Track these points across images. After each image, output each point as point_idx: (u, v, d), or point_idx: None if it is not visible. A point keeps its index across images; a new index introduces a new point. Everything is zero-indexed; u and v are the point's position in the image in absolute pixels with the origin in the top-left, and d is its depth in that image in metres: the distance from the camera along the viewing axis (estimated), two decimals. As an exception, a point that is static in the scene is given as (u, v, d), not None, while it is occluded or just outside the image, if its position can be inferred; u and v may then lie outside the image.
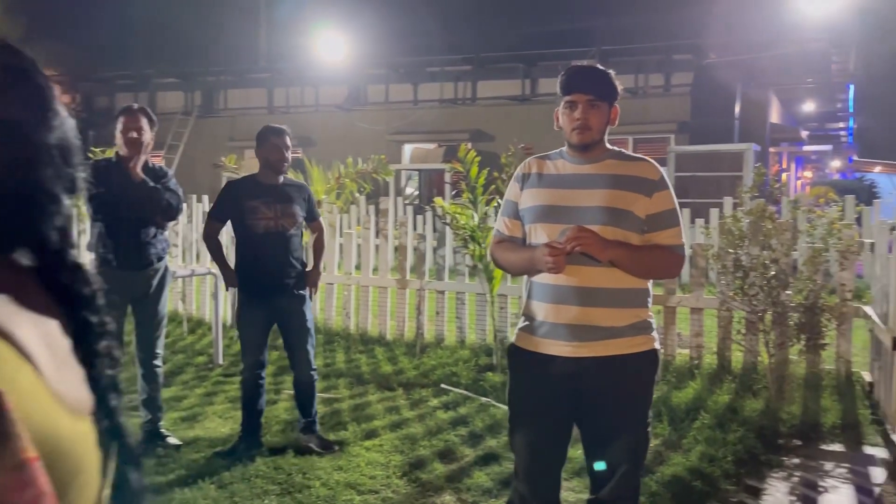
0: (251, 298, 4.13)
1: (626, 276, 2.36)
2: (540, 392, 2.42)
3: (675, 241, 2.40)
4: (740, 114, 14.61)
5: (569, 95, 2.40)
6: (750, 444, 4.23)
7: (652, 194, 2.37)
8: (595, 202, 2.36)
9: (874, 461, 4.14)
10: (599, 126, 2.40)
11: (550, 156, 2.54)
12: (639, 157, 2.50)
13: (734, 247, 5.33)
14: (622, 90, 2.50)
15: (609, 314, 2.35)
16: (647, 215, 2.37)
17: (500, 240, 2.60)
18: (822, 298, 5.20)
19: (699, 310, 5.84)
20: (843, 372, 5.34)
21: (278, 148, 4.07)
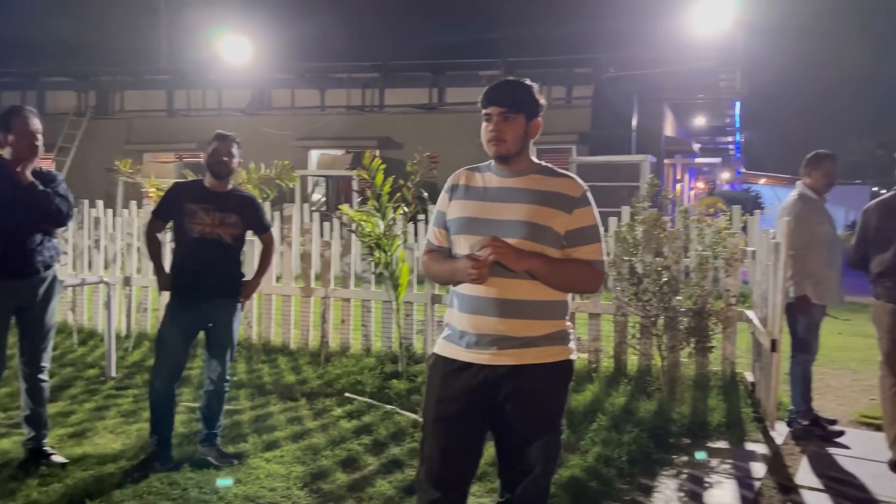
0: (180, 303, 4.01)
1: (545, 289, 2.42)
2: (456, 399, 2.45)
3: (595, 256, 2.46)
4: (637, 126, 15.24)
5: (485, 109, 2.47)
6: (643, 444, 4.41)
7: (572, 211, 2.42)
8: (515, 216, 2.41)
9: (755, 456, 4.40)
10: (514, 139, 2.44)
11: (480, 168, 2.58)
12: (564, 173, 2.53)
13: (629, 254, 5.55)
14: (545, 103, 2.55)
15: (527, 325, 2.41)
16: (566, 231, 2.42)
17: (429, 250, 2.64)
18: (710, 303, 5.50)
19: (597, 315, 6.05)
20: (728, 373, 5.65)
21: (216, 151, 3.99)
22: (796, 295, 4.78)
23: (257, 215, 4.22)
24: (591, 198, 2.49)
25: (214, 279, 3.98)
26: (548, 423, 2.49)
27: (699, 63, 14.20)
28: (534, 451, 2.45)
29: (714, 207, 13.22)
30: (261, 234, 4.32)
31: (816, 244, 4.80)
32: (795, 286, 4.78)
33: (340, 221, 6.95)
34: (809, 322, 4.88)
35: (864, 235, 4.41)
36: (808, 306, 4.80)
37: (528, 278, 2.39)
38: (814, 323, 4.93)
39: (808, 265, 4.77)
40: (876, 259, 4.30)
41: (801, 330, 4.90)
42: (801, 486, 4.00)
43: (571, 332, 2.55)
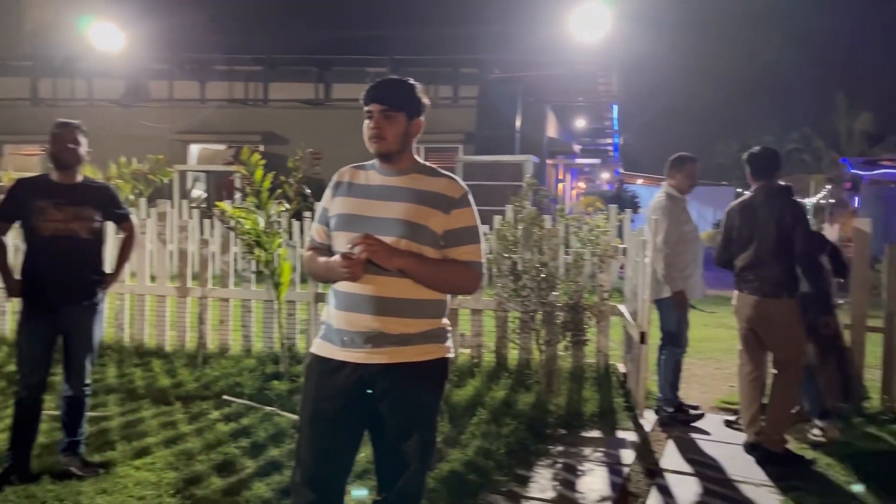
0: (35, 309, 3.75)
1: (422, 287, 2.42)
2: (332, 398, 2.43)
3: (472, 257, 2.48)
4: (521, 127, 15.63)
5: (366, 106, 2.46)
6: (521, 436, 4.54)
7: (450, 211, 2.43)
8: (393, 214, 2.41)
9: (625, 443, 4.62)
10: (394, 137, 2.44)
11: (365, 166, 2.56)
12: (445, 174, 2.53)
13: (509, 252, 5.70)
14: (429, 102, 2.55)
15: (402, 323, 2.41)
16: (444, 231, 2.43)
17: (311, 247, 2.60)
18: (585, 298, 5.72)
19: (479, 311, 6.17)
20: (602, 364, 5.91)
21: (59, 139, 3.73)
22: (673, 291, 5.01)
23: (113, 203, 3.99)
24: (471, 199, 2.51)
25: (71, 281, 3.75)
26: (422, 421, 2.50)
27: (579, 67, 14.74)
28: (408, 450, 2.46)
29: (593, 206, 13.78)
30: (120, 223, 4.10)
31: (684, 241, 5.08)
32: (671, 283, 5.00)
33: (218, 218, 6.72)
34: (680, 316, 5.16)
35: (728, 235, 4.65)
36: (685, 301, 5.06)
37: (404, 275, 2.40)
38: (684, 317, 5.22)
39: (679, 262, 5.02)
40: (739, 256, 4.54)
41: (673, 323, 5.18)
42: (666, 469, 4.23)
43: (449, 330, 2.58)
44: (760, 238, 4.43)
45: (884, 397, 5.15)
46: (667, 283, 5.00)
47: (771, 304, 4.37)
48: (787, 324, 4.36)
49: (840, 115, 37.57)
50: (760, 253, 4.41)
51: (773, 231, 4.37)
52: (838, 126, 37.56)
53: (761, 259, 4.40)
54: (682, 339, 5.29)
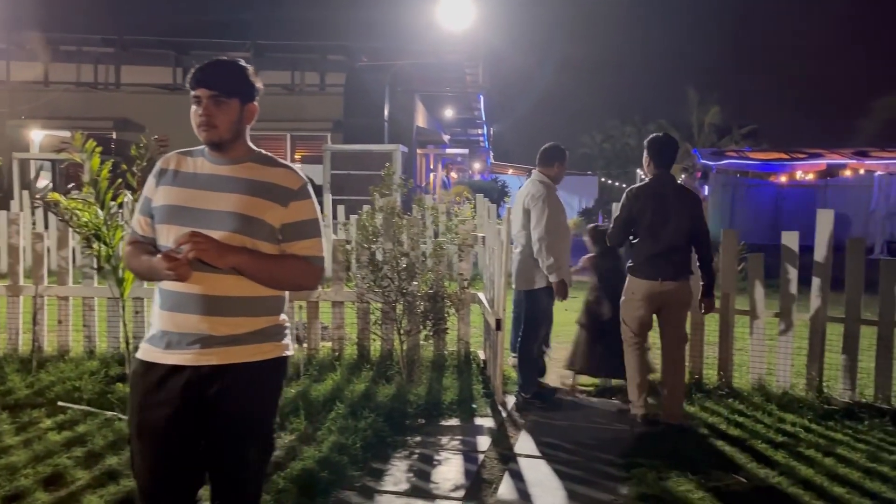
0: None
1: (255, 284, 2.28)
2: (159, 406, 2.25)
3: (312, 252, 2.36)
4: (389, 116, 15.55)
5: (193, 91, 2.27)
6: (379, 429, 4.47)
7: (288, 203, 2.30)
8: (225, 207, 2.25)
9: (482, 430, 4.66)
10: (227, 124, 2.28)
11: (193, 152, 2.38)
12: (283, 163, 2.39)
13: (369, 242, 5.62)
14: (262, 86, 2.42)
15: (234, 322, 2.27)
16: (282, 225, 2.30)
17: (132, 240, 2.39)
18: (445, 287, 5.74)
19: (340, 303, 6.05)
20: (463, 352, 5.95)
21: None
22: (557, 279, 5.08)
23: None
24: (310, 191, 2.40)
25: None
26: (258, 423, 2.37)
27: (446, 57, 14.82)
28: (243, 455, 2.33)
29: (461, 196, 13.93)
30: None
31: (564, 229, 5.22)
32: (557, 272, 5.06)
33: (51, 211, 6.20)
34: (543, 308, 5.27)
35: (630, 217, 4.73)
36: (566, 290, 5.17)
37: (235, 273, 2.26)
38: (547, 309, 5.33)
39: (560, 250, 5.11)
40: (648, 242, 4.67)
41: (538, 314, 5.28)
42: (520, 454, 4.31)
43: (287, 327, 2.46)
44: (676, 225, 4.64)
45: (720, 373, 5.49)
46: (552, 272, 5.06)
47: (683, 287, 4.72)
48: (689, 303, 4.84)
49: (692, 108, 40.10)
50: (677, 239, 4.64)
51: (686, 218, 4.65)
52: (690, 119, 40.07)
53: (677, 245, 4.66)
54: (544, 327, 5.42)
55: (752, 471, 4.00)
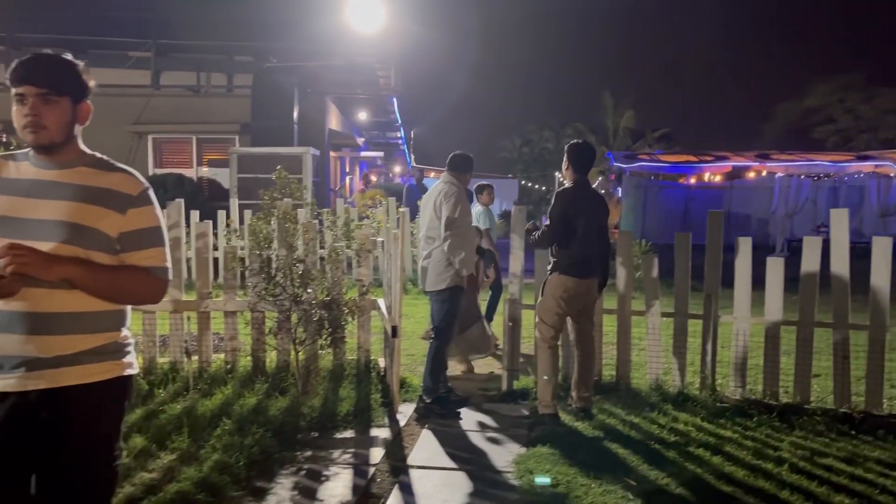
0: None
1: (90, 299, 2.08)
2: None
3: (154, 262, 2.19)
4: (299, 118, 15.21)
5: (16, 88, 2.06)
6: (267, 444, 4.26)
7: (126, 211, 2.12)
8: (53, 215, 2.04)
9: (377, 441, 4.51)
10: (58, 125, 2.08)
11: (16, 156, 2.16)
12: (121, 167, 2.20)
13: (261, 248, 5.38)
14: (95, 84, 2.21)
15: (65, 341, 2.05)
16: (119, 234, 2.11)
17: None
18: (344, 293, 5.56)
19: (233, 313, 5.79)
20: (363, 361, 5.78)
21: None
22: (467, 273, 5.14)
23: None
24: (152, 196, 2.21)
25: None
26: (97, 452, 2.15)
27: (358, 59, 14.62)
28: (81, 488, 2.11)
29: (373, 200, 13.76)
30: None
31: (468, 228, 5.26)
32: (465, 266, 5.11)
33: None
34: (452, 308, 5.19)
35: (567, 220, 4.84)
36: (476, 284, 5.31)
37: (66, 287, 2.04)
38: (456, 309, 5.25)
39: (469, 247, 5.19)
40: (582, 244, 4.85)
41: (443, 316, 5.20)
42: (412, 465, 4.18)
43: (129, 343, 2.25)
44: (600, 226, 4.94)
45: (618, 374, 5.51)
46: (462, 266, 5.09)
47: (597, 284, 4.97)
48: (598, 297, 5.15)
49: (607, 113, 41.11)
50: (603, 241, 4.97)
51: (605, 222, 4.98)
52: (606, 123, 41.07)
53: (602, 247, 4.96)
54: (451, 330, 5.33)
55: (643, 472, 3.99)
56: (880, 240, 4.94)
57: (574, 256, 4.84)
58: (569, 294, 4.86)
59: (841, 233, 4.99)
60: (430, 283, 5.24)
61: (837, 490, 3.76)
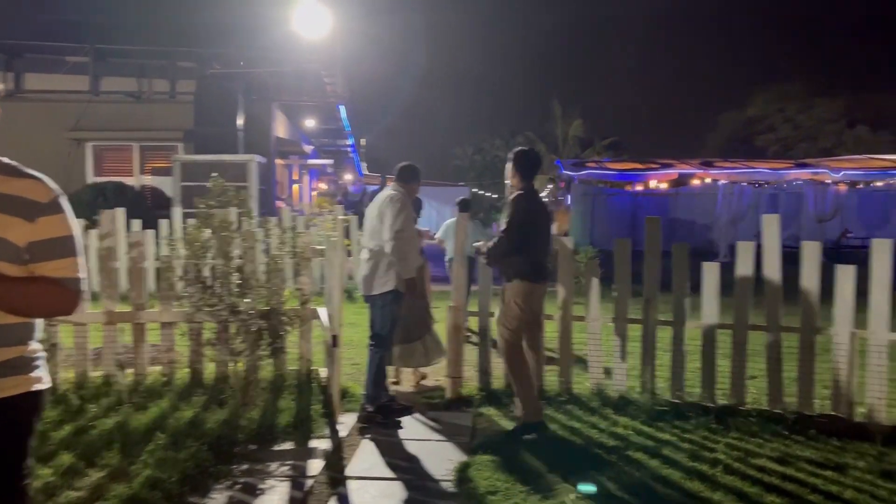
0: None
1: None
2: None
3: (66, 273, 2.08)
4: (244, 126, 14.98)
5: None
6: (202, 459, 4.15)
7: (36, 219, 2.02)
8: None
9: (316, 453, 4.44)
10: None
11: None
12: (30, 173, 2.09)
13: (197, 258, 5.26)
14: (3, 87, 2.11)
15: None
16: (28, 243, 2.02)
17: None
18: (284, 303, 5.46)
19: (170, 324, 5.64)
20: (304, 371, 5.70)
21: None
22: (406, 278, 5.08)
23: None
24: (64, 204, 2.11)
25: None
26: (3, 472, 2.06)
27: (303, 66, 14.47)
28: None
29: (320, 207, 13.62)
30: None
31: (411, 235, 5.21)
32: (405, 270, 5.07)
33: None
34: (392, 313, 5.17)
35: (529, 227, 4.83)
36: (416, 287, 5.23)
37: None
38: (396, 314, 5.22)
39: (412, 253, 5.18)
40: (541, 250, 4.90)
41: (383, 322, 5.16)
42: (351, 476, 4.12)
43: (38, 357, 2.15)
44: (549, 233, 5.03)
45: (561, 380, 5.55)
46: (403, 269, 5.07)
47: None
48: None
49: (556, 121, 41.59)
50: (551, 247, 5.08)
51: (551, 227, 5.05)
52: (555, 131, 41.54)
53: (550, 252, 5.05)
54: (390, 337, 5.30)
55: (583, 477, 4.01)
56: (809, 244, 5.08)
57: (533, 261, 4.85)
58: (532, 298, 4.87)
59: (772, 238, 5.11)
60: (370, 287, 5.20)
61: (769, 490, 3.83)
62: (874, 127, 38.57)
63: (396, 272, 5.10)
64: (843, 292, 4.93)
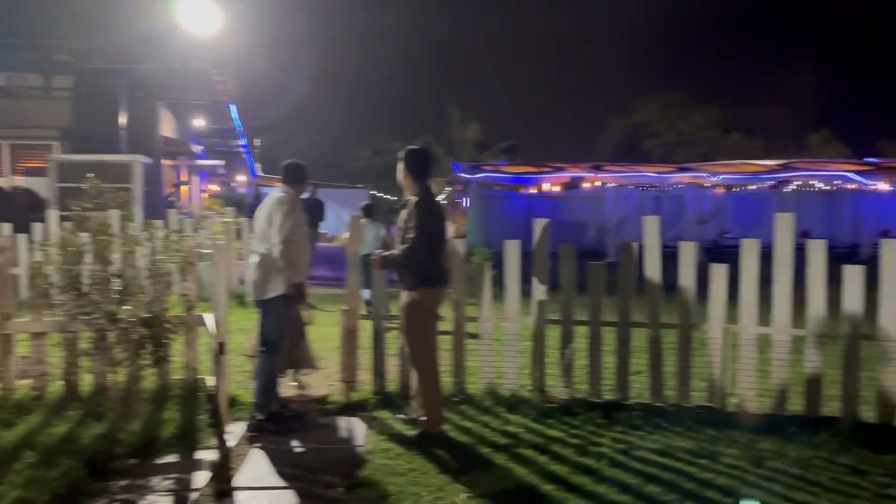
0: None
1: None
2: None
3: None
4: (128, 124, 14.28)
5: None
6: (77, 476, 3.91)
7: None
8: None
9: (202, 465, 4.27)
10: None
11: None
12: None
13: (72, 263, 4.96)
14: None
15: None
16: None
17: None
18: (167, 309, 5.23)
19: (42, 334, 5.30)
20: (190, 380, 5.48)
21: None
22: (294, 283, 4.95)
23: None
24: None
25: None
26: None
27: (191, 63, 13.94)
28: None
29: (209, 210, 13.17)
30: None
31: (301, 238, 5.07)
32: (293, 275, 4.94)
33: None
34: (281, 316, 5.03)
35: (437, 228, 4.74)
36: (304, 292, 5.08)
37: None
38: (285, 317, 5.08)
39: (302, 257, 5.04)
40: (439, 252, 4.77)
41: (272, 327, 5.01)
42: (239, 487, 3.99)
43: None
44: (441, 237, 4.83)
45: (454, 380, 5.59)
46: (292, 274, 4.93)
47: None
48: None
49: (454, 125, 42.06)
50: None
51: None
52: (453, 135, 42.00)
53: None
54: (280, 342, 5.16)
55: (474, 476, 4.05)
56: (686, 245, 5.35)
57: (439, 267, 4.81)
58: (438, 304, 4.85)
59: (652, 239, 5.35)
60: (259, 292, 5.06)
61: (650, 480, 3.99)
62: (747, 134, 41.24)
63: (286, 276, 4.98)
64: (716, 290, 5.22)
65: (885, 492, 3.82)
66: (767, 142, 39.99)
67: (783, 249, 5.08)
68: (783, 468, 4.16)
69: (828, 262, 5.00)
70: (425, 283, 4.69)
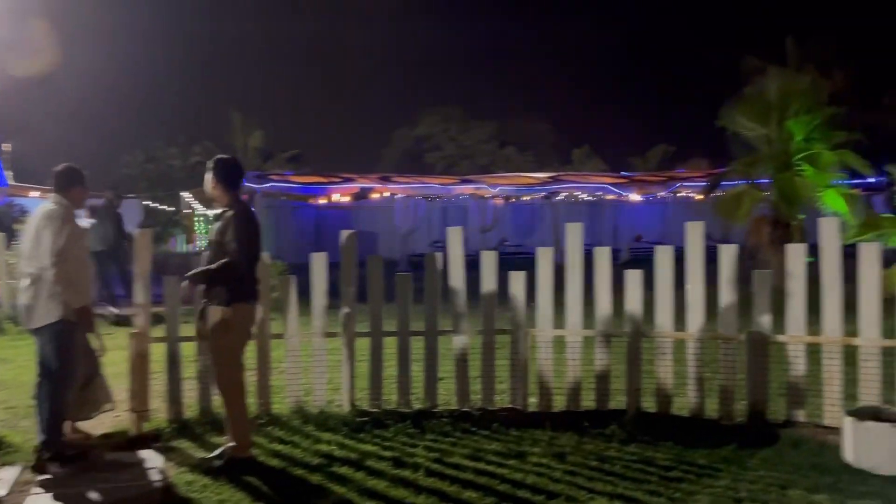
0: None
1: None
2: None
3: None
4: None
5: None
6: None
7: None
8: None
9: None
10: None
11: None
12: None
13: None
14: None
15: None
16: None
17: None
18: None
19: None
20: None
21: None
22: (77, 307, 4.39)
23: None
24: None
25: None
26: None
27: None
28: None
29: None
30: None
31: (80, 255, 4.57)
32: (74, 298, 4.37)
33: None
34: (65, 343, 4.43)
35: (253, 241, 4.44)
36: (91, 317, 4.58)
37: None
38: (71, 343, 4.47)
39: (82, 276, 4.53)
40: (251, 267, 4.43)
41: (57, 351, 4.41)
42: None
43: None
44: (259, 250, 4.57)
45: (259, 401, 5.34)
46: (67, 299, 4.34)
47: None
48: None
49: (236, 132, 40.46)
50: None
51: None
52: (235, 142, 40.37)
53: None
54: (69, 369, 4.53)
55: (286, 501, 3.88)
56: (487, 254, 5.59)
57: (254, 281, 4.53)
58: (250, 322, 4.57)
59: (456, 248, 5.52)
60: (34, 319, 4.44)
61: (466, 486, 4.08)
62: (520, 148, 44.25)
63: (65, 300, 4.39)
64: (516, 295, 5.50)
65: (668, 475, 4.23)
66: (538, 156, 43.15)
67: (574, 257, 5.48)
68: (582, 461, 4.46)
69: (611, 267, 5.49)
70: (240, 299, 4.38)
